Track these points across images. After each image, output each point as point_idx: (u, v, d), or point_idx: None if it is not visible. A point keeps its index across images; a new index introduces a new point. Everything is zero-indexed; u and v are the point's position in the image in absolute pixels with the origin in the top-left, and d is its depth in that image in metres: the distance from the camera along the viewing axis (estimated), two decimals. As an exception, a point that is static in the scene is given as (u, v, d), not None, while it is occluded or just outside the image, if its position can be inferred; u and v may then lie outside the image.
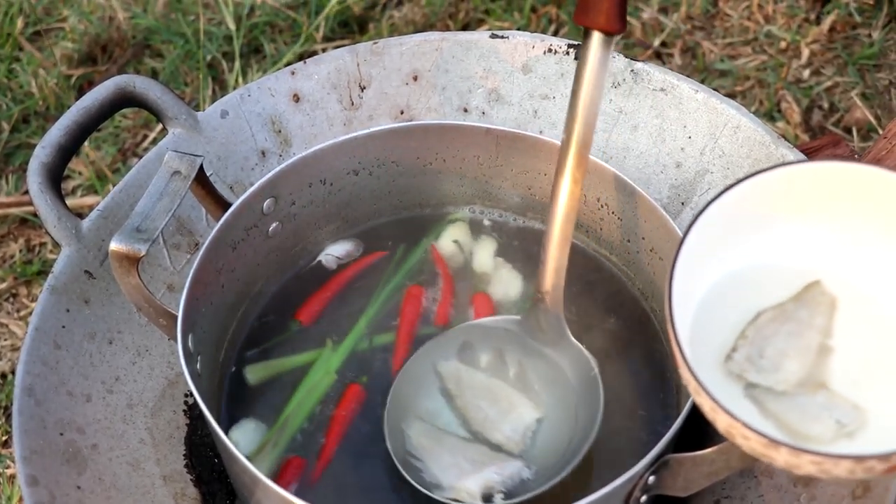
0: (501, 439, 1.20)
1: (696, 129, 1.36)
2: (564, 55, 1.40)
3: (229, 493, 1.25)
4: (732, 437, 0.92)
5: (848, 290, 1.02)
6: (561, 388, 1.22)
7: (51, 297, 1.25)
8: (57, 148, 1.26)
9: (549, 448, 1.19)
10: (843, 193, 1.01)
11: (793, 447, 0.88)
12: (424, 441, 1.20)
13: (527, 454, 1.19)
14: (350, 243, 1.37)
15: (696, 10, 2.01)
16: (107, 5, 2.04)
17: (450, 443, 1.20)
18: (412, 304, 1.32)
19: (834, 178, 1.00)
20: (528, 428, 1.20)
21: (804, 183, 1.01)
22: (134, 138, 1.90)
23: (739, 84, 1.92)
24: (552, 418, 1.21)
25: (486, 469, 1.17)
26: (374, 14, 2.04)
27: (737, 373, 0.99)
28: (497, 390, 1.23)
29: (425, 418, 1.22)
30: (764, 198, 1.01)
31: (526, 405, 1.22)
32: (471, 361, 1.25)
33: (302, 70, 1.41)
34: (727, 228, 1.01)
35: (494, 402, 1.22)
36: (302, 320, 1.31)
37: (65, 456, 1.18)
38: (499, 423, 1.21)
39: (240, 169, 1.38)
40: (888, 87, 1.90)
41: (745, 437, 0.90)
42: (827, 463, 0.87)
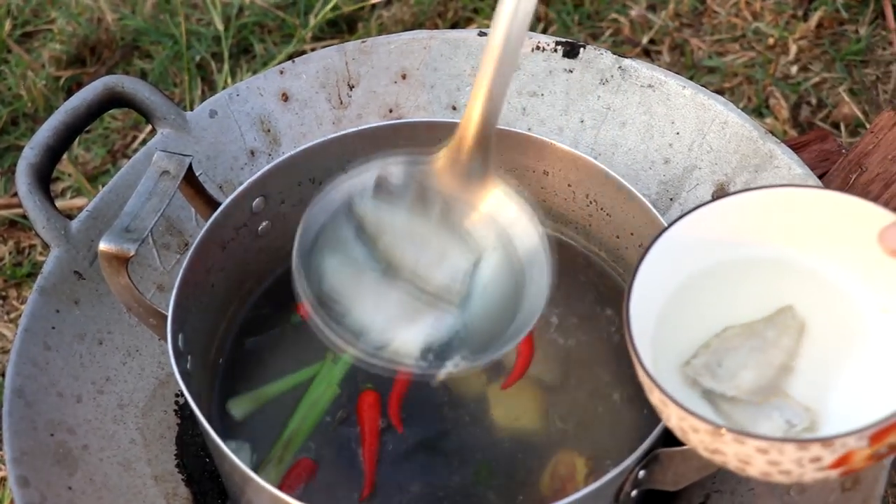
0: (436, 287, 1.05)
1: (684, 125, 1.37)
2: (552, 52, 1.41)
3: (220, 492, 1.25)
4: (685, 434, 0.93)
5: (817, 316, 1.03)
6: (496, 239, 1.08)
7: (40, 298, 1.25)
8: (45, 149, 1.26)
9: (490, 307, 1.07)
10: (811, 218, 1.02)
11: (738, 432, 0.88)
12: (344, 280, 1.04)
13: (466, 307, 1.06)
14: None
15: (685, 8, 2.01)
16: (95, 7, 2.04)
17: (375, 286, 1.05)
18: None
19: (803, 204, 1.02)
20: (466, 273, 1.07)
21: (774, 206, 1.03)
22: (123, 140, 1.90)
23: (728, 81, 1.93)
24: (491, 271, 1.08)
25: (423, 319, 1.04)
26: (363, 14, 2.04)
27: (692, 377, 1.00)
28: (426, 233, 1.08)
29: (344, 263, 1.06)
30: (737, 217, 1.04)
31: (460, 249, 1.08)
32: (391, 201, 1.08)
33: (290, 69, 1.42)
34: (697, 240, 1.03)
35: (424, 245, 1.07)
36: (303, 315, 1.31)
37: (55, 457, 1.18)
38: (431, 269, 1.06)
39: (229, 168, 1.38)
40: (875, 82, 1.91)
41: (695, 428, 0.91)
42: (773, 450, 0.87)
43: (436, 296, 1.06)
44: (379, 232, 1.07)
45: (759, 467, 0.90)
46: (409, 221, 1.08)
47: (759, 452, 0.88)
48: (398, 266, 1.06)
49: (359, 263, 1.06)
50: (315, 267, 1.04)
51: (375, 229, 1.07)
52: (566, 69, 1.41)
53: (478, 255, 1.07)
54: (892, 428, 0.87)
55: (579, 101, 1.41)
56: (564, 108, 1.41)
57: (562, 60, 1.41)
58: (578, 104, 1.41)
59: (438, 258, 1.07)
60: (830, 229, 1.02)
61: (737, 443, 0.89)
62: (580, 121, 1.40)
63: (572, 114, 1.41)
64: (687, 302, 1.04)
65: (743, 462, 0.90)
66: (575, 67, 1.41)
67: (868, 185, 1.38)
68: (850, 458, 0.88)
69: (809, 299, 1.04)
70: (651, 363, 0.96)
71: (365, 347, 1.00)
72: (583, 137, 1.40)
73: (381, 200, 1.08)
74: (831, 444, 0.86)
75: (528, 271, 1.06)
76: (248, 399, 1.25)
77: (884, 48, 1.95)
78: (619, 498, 1.09)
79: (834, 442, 0.86)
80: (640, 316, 0.98)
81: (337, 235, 1.06)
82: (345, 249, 1.06)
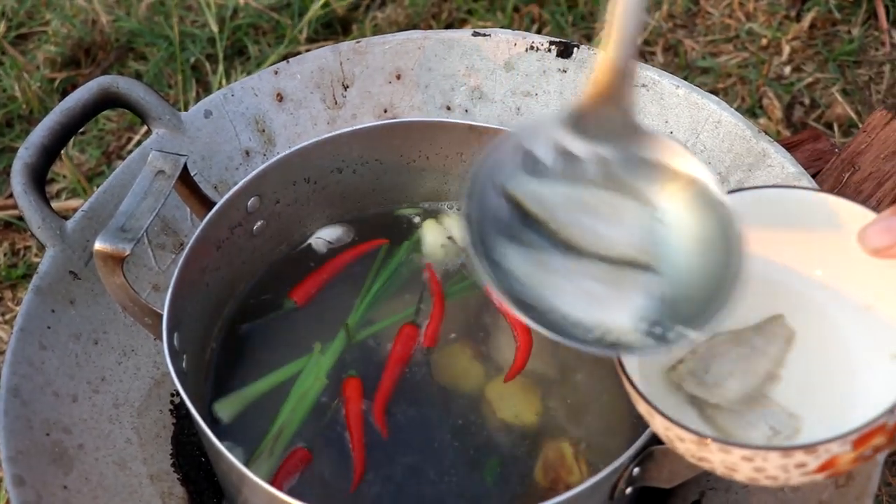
0: (626, 254, 0.96)
1: (677, 124, 1.37)
2: (546, 52, 1.41)
3: (216, 491, 1.25)
4: (671, 442, 0.93)
5: (806, 325, 1.03)
6: (670, 187, 0.98)
7: (36, 298, 1.25)
8: (40, 149, 1.26)
9: (691, 262, 0.97)
10: (793, 221, 1.02)
11: (723, 442, 0.89)
12: (531, 273, 0.94)
13: (666, 268, 0.96)
14: (341, 228, 1.37)
15: (678, 9, 2.02)
16: (89, 8, 2.04)
17: (564, 270, 0.95)
18: (403, 345, 1.28)
19: (788, 205, 1.02)
20: (649, 228, 0.97)
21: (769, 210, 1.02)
22: (118, 141, 1.91)
23: (721, 81, 1.93)
24: (677, 223, 0.98)
25: (626, 290, 0.95)
26: (357, 15, 2.04)
27: (677, 382, 1.00)
28: (593, 198, 0.98)
29: (522, 255, 0.96)
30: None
31: (636, 206, 0.98)
32: (543, 173, 0.98)
33: (285, 69, 1.42)
34: None
35: (597, 212, 0.98)
36: (297, 300, 1.32)
37: (51, 456, 1.18)
38: (615, 235, 0.97)
39: (224, 169, 1.39)
40: (868, 82, 1.92)
41: (681, 438, 0.91)
42: (757, 458, 0.88)
43: (630, 263, 0.97)
44: (544, 211, 0.98)
45: (746, 473, 0.90)
46: (571, 190, 0.98)
47: (744, 460, 0.89)
48: (578, 242, 0.97)
49: (537, 250, 0.96)
50: (496, 265, 0.94)
51: (539, 209, 0.98)
52: (560, 69, 1.41)
53: (656, 207, 0.98)
54: (876, 431, 0.87)
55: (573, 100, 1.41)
56: (558, 107, 1.41)
57: (556, 60, 1.41)
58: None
59: (617, 222, 0.98)
60: (813, 231, 1.01)
61: (722, 452, 0.89)
62: (574, 120, 1.41)
63: (566, 113, 1.41)
64: None
65: (729, 469, 0.91)
66: (569, 67, 1.41)
67: (861, 184, 1.39)
68: (834, 462, 0.88)
69: (797, 306, 1.04)
70: (636, 370, 0.96)
71: (581, 337, 0.92)
72: (577, 137, 1.40)
73: (532, 175, 0.98)
74: (815, 450, 0.87)
75: (716, 217, 0.96)
76: (234, 400, 1.25)
77: (876, 49, 1.96)
78: (614, 495, 1.09)
79: (818, 448, 0.87)
80: None
81: (501, 226, 0.97)
82: (517, 239, 0.96)
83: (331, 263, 1.35)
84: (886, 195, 1.37)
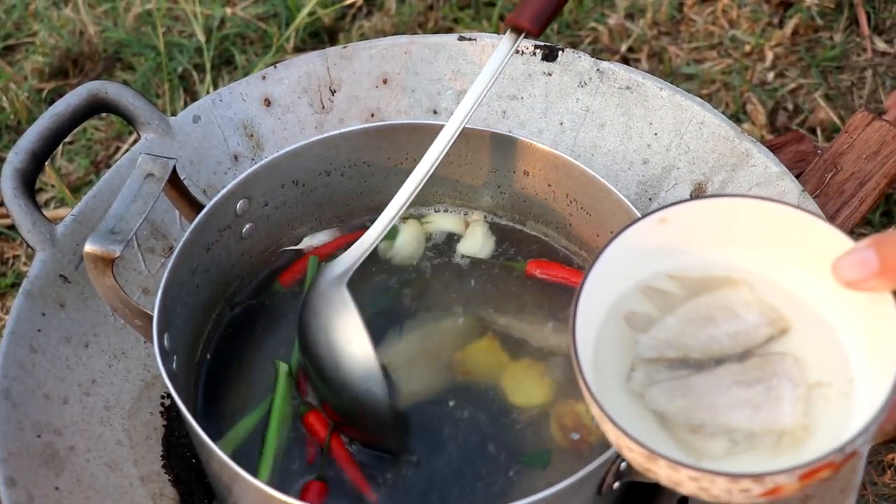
0: (755, 335, 1.00)
1: (661, 125, 1.39)
2: (531, 56, 1.43)
3: (207, 492, 1.26)
4: (621, 450, 0.93)
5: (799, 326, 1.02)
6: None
7: (26, 302, 1.25)
8: (30, 154, 1.27)
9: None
10: (765, 232, 1.01)
11: (671, 460, 0.88)
12: (676, 396, 0.97)
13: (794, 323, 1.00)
14: (331, 233, 1.38)
15: (662, 16, 2.04)
16: (77, 19, 2.05)
17: (705, 382, 0.98)
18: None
19: (759, 217, 1.00)
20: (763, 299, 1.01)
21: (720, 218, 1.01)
22: (106, 150, 1.91)
23: (705, 87, 1.95)
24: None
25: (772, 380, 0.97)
26: (344, 24, 2.05)
27: (638, 391, 0.99)
28: (698, 310, 1.02)
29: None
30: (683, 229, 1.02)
31: (735, 289, 1.02)
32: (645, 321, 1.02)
33: (273, 74, 1.43)
34: (643, 252, 1.01)
35: (710, 319, 1.02)
36: (283, 283, 1.34)
37: (42, 458, 1.18)
38: (738, 328, 1.00)
39: (213, 173, 1.40)
40: (851, 87, 1.94)
41: (630, 448, 0.91)
42: (703, 479, 0.88)
43: (768, 341, 1.01)
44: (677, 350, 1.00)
45: (690, 489, 0.90)
46: (678, 317, 1.02)
47: (690, 479, 0.89)
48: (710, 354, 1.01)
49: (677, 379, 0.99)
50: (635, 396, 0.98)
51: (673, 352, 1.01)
52: (545, 72, 1.43)
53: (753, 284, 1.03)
54: (824, 467, 0.88)
55: (558, 103, 1.42)
56: (544, 110, 1.43)
57: (541, 64, 1.43)
58: (558, 107, 1.42)
59: (733, 314, 1.02)
60: (783, 245, 1.00)
61: (670, 469, 0.89)
62: (559, 123, 1.42)
63: (552, 116, 1.42)
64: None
65: (674, 483, 0.91)
66: (554, 70, 1.43)
67: (843, 184, 1.40)
68: (777, 491, 0.89)
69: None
70: (591, 371, 0.95)
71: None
72: (562, 139, 1.42)
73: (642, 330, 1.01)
74: (761, 479, 0.87)
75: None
76: (231, 438, 1.24)
77: (858, 54, 1.98)
78: (602, 490, 1.10)
79: (764, 479, 0.87)
80: (586, 322, 0.97)
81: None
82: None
83: (318, 251, 1.36)
84: (868, 195, 1.39)
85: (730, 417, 0.96)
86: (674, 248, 1.02)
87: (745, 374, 0.98)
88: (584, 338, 0.96)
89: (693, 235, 1.02)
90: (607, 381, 0.98)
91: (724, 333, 1.01)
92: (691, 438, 0.95)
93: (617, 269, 1.00)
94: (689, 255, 1.03)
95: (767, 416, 0.96)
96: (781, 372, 0.98)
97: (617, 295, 1.02)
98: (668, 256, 1.03)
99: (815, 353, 0.99)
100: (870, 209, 1.39)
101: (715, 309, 1.02)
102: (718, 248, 1.02)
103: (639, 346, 1.00)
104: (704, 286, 1.03)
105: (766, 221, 1.00)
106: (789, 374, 0.98)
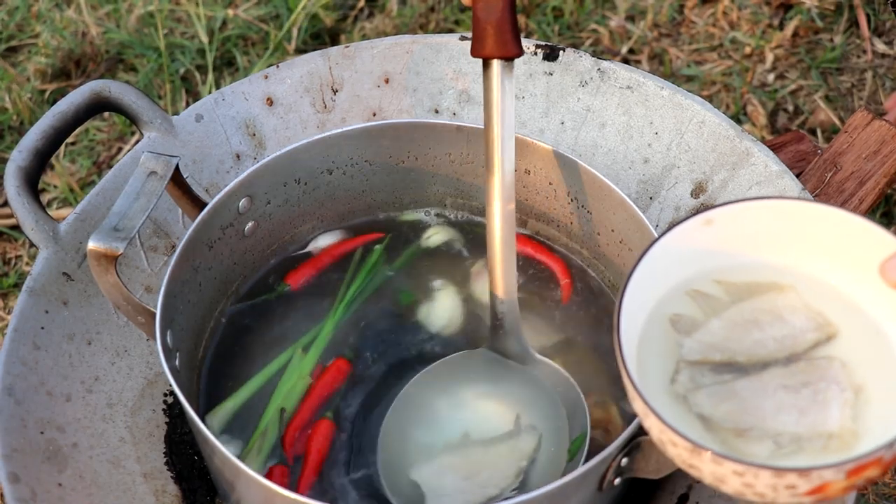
0: (803, 337, 1.03)
1: (662, 124, 1.39)
2: (532, 56, 1.43)
3: (209, 489, 1.26)
4: (664, 446, 0.93)
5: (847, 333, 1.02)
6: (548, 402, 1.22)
7: (29, 299, 1.26)
8: (33, 152, 1.28)
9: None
10: (808, 233, 1.02)
11: (716, 453, 0.88)
12: (721, 400, 0.99)
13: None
14: (338, 234, 1.39)
15: (663, 18, 2.04)
16: (80, 20, 2.06)
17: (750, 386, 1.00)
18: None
19: (801, 218, 1.01)
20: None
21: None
22: (108, 151, 1.92)
23: (706, 89, 1.95)
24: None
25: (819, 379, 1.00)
26: (345, 26, 2.06)
27: (682, 394, 1.00)
28: (743, 314, 1.04)
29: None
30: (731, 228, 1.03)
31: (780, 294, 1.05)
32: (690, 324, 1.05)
33: (275, 74, 1.44)
34: (687, 254, 1.02)
35: (756, 323, 1.04)
36: (291, 284, 1.34)
37: (45, 454, 1.19)
38: (783, 332, 1.03)
39: (215, 172, 1.40)
40: (851, 89, 1.94)
41: (674, 443, 0.91)
42: (748, 474, 0.88)
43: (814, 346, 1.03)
44: (724, 353, 1.02)
45: (734, 487, 0.90)
46: (724, 320, 1.04)
47: (735, 475, 0.89)
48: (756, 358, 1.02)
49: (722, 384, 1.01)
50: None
51: (721, 355, 1.03)
52: (546, 72, 1.43)
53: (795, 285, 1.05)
54: (872, 464, 0.87)
55: (559, 103, 1.43)
56: (545, 110, 1.43)
57: (542, 63, 1.43)
58: (559, 106, 1.43)
59: (779, 318, 1.04)
60: (829, 247, 1.01)
61: (714, 463, 0.89)
62: (561, 122, 1.43)
63: (553, 116, 1.43)
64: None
65: (718, 480, 0.90)
66: (555, 70, 1.43)
67: (843, 184, 1.41)
68: (824, 488, 0.88)
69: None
70: (636, 371, 0.96)
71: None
72: (563, 139, 1.42)
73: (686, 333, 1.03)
74: (808, 474, 0.87)
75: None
76: (224, 410, 1.26)
77: (858, 56, 1.98)
78: (603, 485, 1.10)
79: (811, 473, 0.86)
80: (630, 322, 0.97)
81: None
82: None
83: (327, 252, 1.37)
84: (868, 194, 1.39)
85: (776, 421, 0.95)
86: (718, 251, 1.03)
87: (792, 379, 0.98)
88: (628, 338, 0.96)
89: (738, 237, 1.02)
90: (651, 382, 0.98)
91: (770, 338, 1.01)
92: (736, 441, 0.95)
93: (661, 270, 1.01)
94: (734, 258, 1.03)
95: (815, 420, 0.95)
96: (829, 376, 0.98)
97: (660, 296, 1.02)
98: (713, 258, 1.03)
99: (863, 358, 0.99)
100: (870, 208, 1.40)
101: (761, 313, 1.02)
102: (764, 251, 1.03)
103: (683, 348, 1.01)
104: (750, 290, 1.04)
105: (813, 224, 1.01)
106: (837, 379, 0.98)
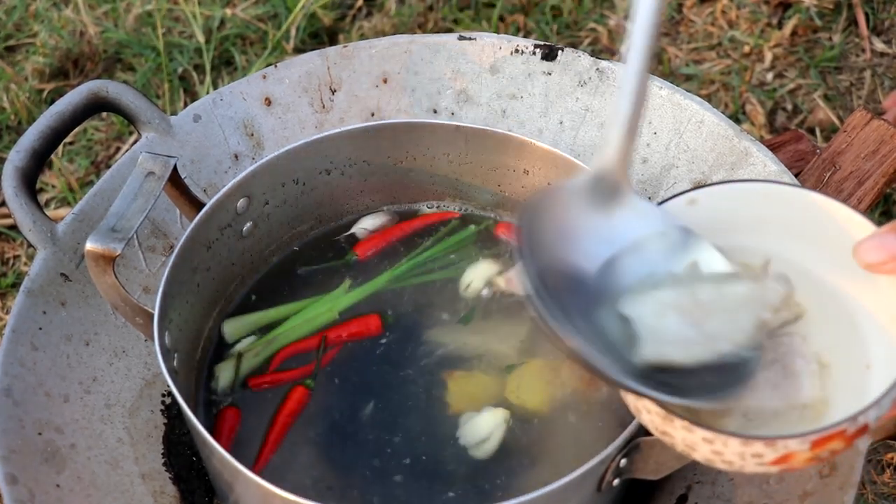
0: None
1: (661, 124, 1.39)
2: (531, 55, 1.43)
3: (208, 490, 1.26)
4: (639, 413, 0.95)
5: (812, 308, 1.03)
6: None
7: (27, 300, 1.26)
8: (31, 152, 1.27)
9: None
10: (784, 215, 1.03)
11: (688, 419, 0.91)
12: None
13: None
14: (384, 216, 1.39)
15: (661, 17, 2.04)
16: (77, 20, 2.06)
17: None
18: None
19: (779, 201, 1.03)
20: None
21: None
22: (107, 151, 1.92)
23: (705, 88, 1.95)
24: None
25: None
26: (343, 25, 2.06)
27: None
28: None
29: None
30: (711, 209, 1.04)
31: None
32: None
33: (273, 74, 1.43)
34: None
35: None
36: (359, 254, 1.35)
37: (44, 455, 1.19)
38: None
39: (213, 172, 1.40)
40: (849, 88, 1.94)
41: (647, 409, 0.93)
42: (717, 441, 0.90)
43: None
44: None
45: (703, 454, 0.92)
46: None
47: (704, 441, 0.91)
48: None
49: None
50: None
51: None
52: (545, 72, 1.43)
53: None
54: (836, 435, 0.89)
55: (558, 102, 1.43)
56: (544, 110, 1.43)
57: (540, 63, 1.43)
58: (557, 106, 1.43)
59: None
60: (805, 230, 1.02)
61: (685, 430, 0.91)
62: (559, 122, 1.43)
63: (551, 115, 1.43)
64: None
65: (689, 447, 0.93)
66: (553, 70, 1.43)
67: (842, 183, 1.40)
68: (789, 458, 0.90)
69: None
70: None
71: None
72: (562, 138, 1.42)
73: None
74: (773, 443, 0.89)
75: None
76: (243, 322, 1.27)
77: (857, 55, 1.98)
78: (602, 486, 1.10)
79: (776, 442, 0.89)
80: None
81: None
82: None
83: (399, 227, 1.38)
84: (867, 193, 1.39)
85: (752, 398, 0.97)
86: (700, 230, 1.03)
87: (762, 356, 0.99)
88: None
89: (719, 218, 1.04)
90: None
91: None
92: (709, 418, 0.97)
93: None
94: (712, 238, 1.04)
95: (787, 393, 0.97)
96: (792, 350, 1.00)
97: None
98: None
99: (829, 336, 1.00)
100: (868, 208, 1.40)
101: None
102: (742, 233, 1.04)
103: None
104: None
105: (791, 207, 1.02)
106: (800, 351, 0.99)
